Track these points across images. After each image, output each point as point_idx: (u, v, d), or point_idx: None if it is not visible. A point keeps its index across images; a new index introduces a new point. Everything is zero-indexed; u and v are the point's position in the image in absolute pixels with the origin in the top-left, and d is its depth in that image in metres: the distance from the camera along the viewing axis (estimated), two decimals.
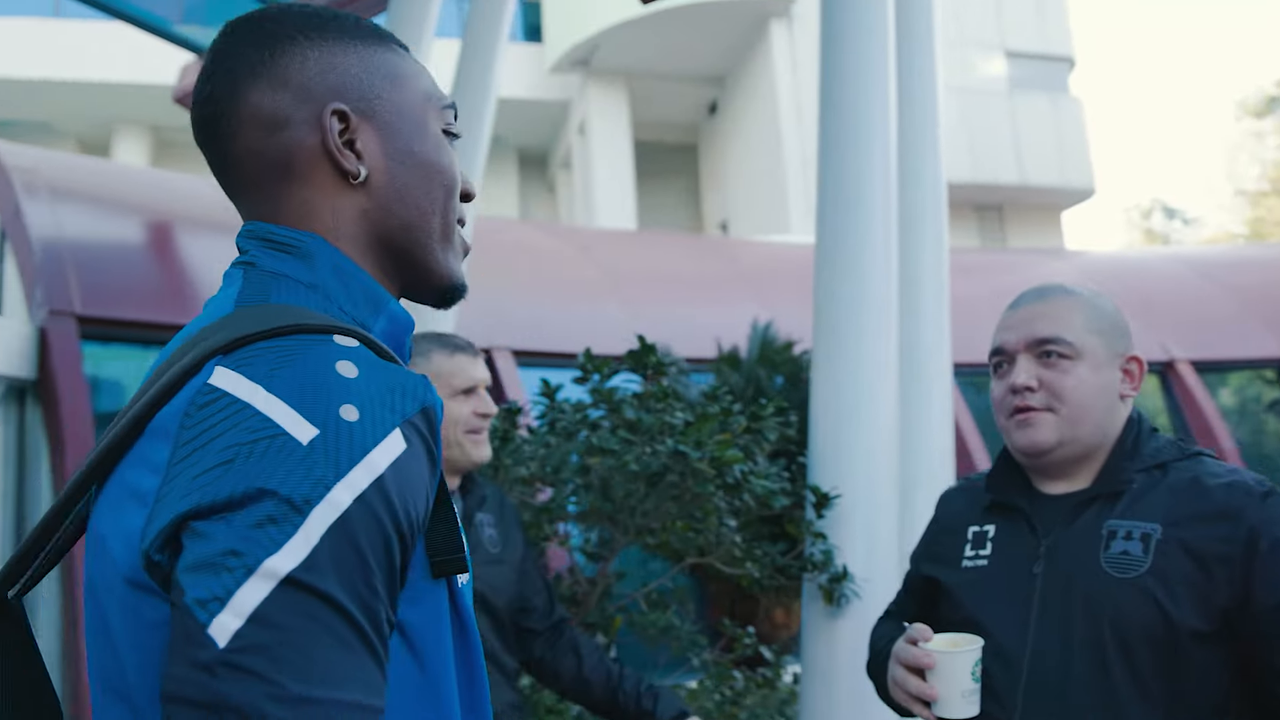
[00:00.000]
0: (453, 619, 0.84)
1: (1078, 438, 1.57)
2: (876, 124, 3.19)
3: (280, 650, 0.66)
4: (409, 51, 0.99)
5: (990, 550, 1.62)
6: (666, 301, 10.33)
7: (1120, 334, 1.63)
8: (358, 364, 0.77)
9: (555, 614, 2.41)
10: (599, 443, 2.43)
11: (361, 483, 0.71)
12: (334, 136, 0.89)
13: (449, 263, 0.97)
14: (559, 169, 23.66)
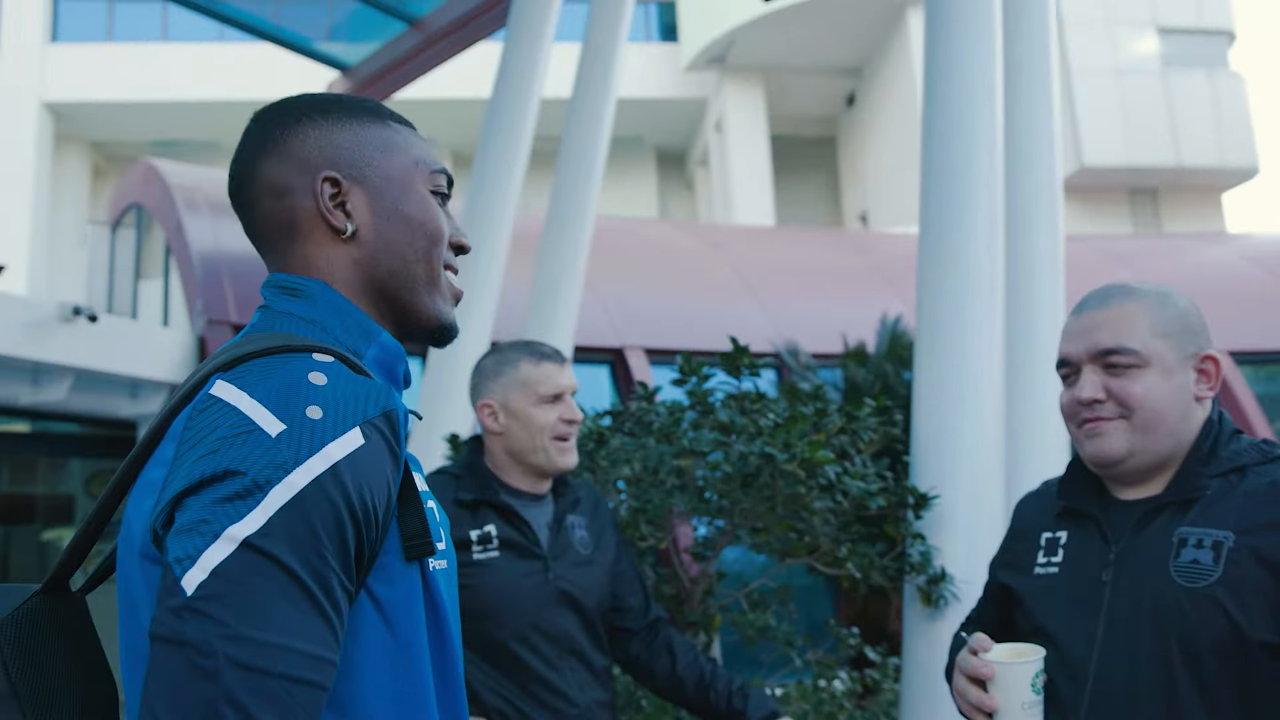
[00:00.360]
0: (425, 599, 0.98)
1: (1149, 447, 1.50)
2: (982, 115, 3.13)
3: (234, 600, 0.81)
4: (410, 128, 1.17)
5: (1061, 557, 1.58)
6: (799, 297, 10.27)
7: (1191, 333, 1.54)
8: (328, 374, 0.93)
9: (651, 614, 2.45)
10: (691, 444, 2.47)
11: (317, 469, 0.87)
12: (324, 200, 1.07)
13: (435, 305, 1.13)
14: (697, 166, 23.72)
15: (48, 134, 20.76)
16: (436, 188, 1.15)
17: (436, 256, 1.12)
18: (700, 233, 12.79)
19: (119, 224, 10.55)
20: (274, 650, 0.82)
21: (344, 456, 0.89)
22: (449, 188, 1.18)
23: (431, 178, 1.14)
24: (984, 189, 3.05)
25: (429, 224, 1.12)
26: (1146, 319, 1.53)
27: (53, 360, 6.75)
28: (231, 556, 0.83)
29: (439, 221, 1.13)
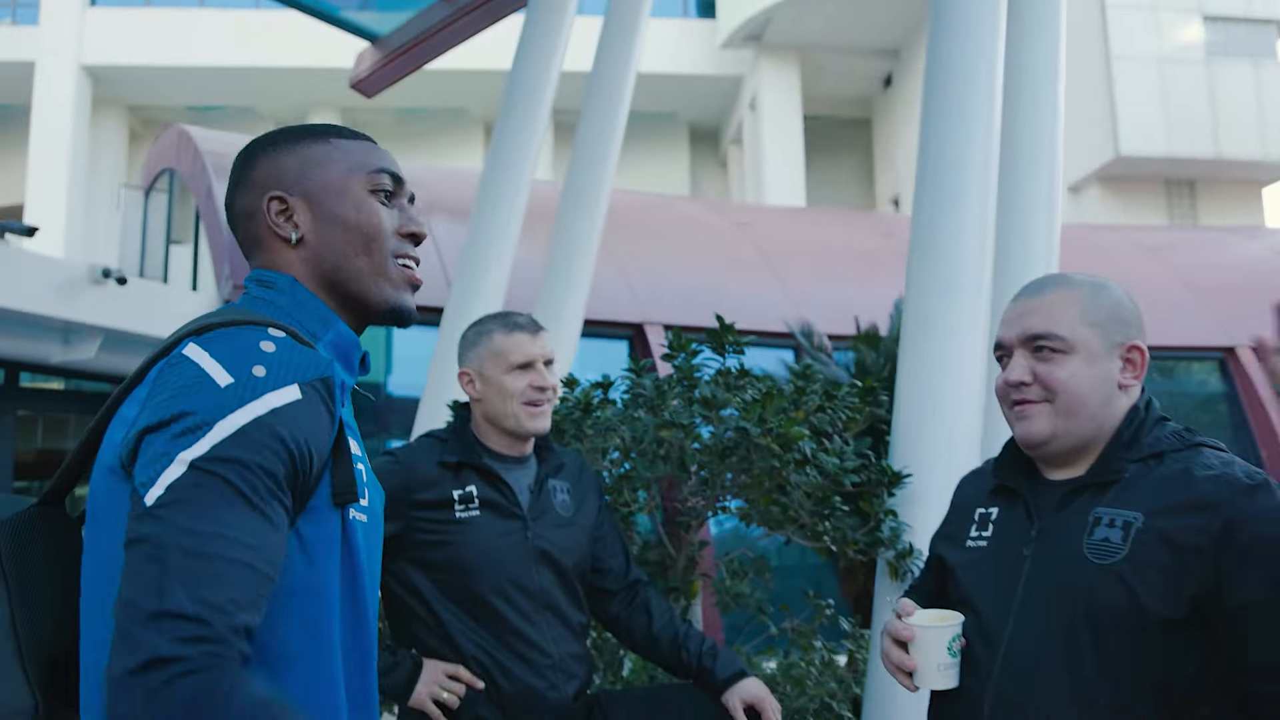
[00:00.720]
0: (343, 542, 1.17)
1: (1072, 430, 1.57)
2: (980, 112, 3.18)
3: (182, 505, 1.01)
4: (359, 139, 1.35)
5: (991, 532, 1.66)
6: (821, 278, 10.30)
7: (1121, 324, 1.61)
8: (277, 344, 1.14)
9: (631, 575, 2.56)
10: (671, 416, 2.57)
11: (256, 411, 1.07)
12: (270, 215, 1.28)
13: (382, 293, 1.30)
14: (730, 145, 23.69)
15: (85, 97, 21.05)
16: (377, 187, 1.31)
17: (377, 250, 1.29)
18: (726, 211, 12.82)
19: (152, 189, 10.74)
20: (212, 538, 1.00)
21: (282, 405, 1.08)
22: (394, 183, 1.32)
23: (370, 179, 1.31)
24: (977, 183, 3.11)
25: (363, 220, 1.28)
26: (1076, 307, 1.60)
27: (83, 320, 6.94)
28: (184, 475, 1.02)
29: (375, 216, 1.29)
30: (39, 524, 1.22)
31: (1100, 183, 19.99)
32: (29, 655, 1.13)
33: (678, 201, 13.76)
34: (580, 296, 5.47)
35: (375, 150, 1.35)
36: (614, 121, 5.74)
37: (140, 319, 7.17)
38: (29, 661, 1.12)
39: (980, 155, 3.11)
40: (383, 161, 1.33)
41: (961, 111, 3.15)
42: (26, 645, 1.13)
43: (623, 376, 2.90)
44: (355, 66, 9.27)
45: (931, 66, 3.29)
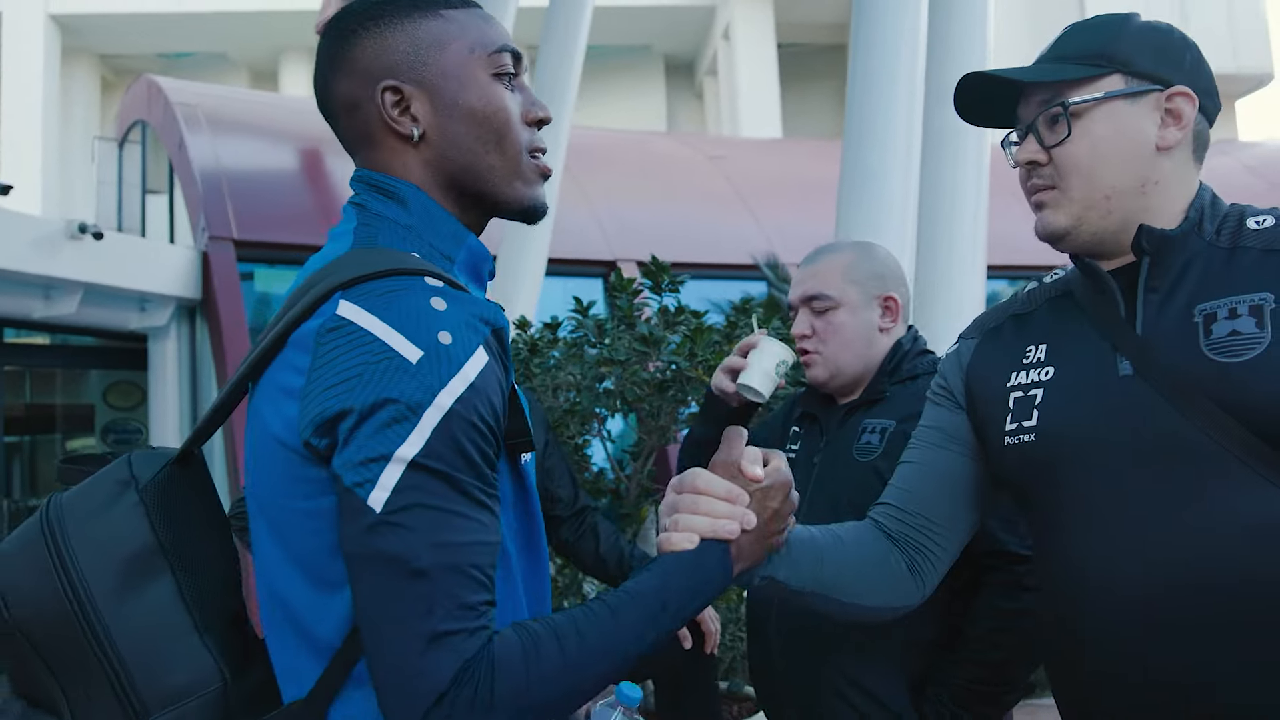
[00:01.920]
0: (515, 486, 1.10)
1: (842, 369, 1.98)
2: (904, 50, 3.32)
3: (420, 512, 0.94)
4: (469, 7, 1.18)
5: (798, 445, 2.06)
6: (794, 210, 10.42)
7: (878, 279, 2.01)
8: (446, 299, 1.01)
9: (579, 503, 2.76)
10: (609, 354, 2.75)
11: (458, 389, 0.97)
12: (387, 110, 1.12)
13: (517, 190, 1.17)
14: (706, 77, 23.53)
15: (55, 47, 20.80)
16: (500, 69, 1.15)
17: (510, 143, 1.15)
18: (700, 144, 12.87)
19: (125, 140, 10.76)
20: (466, 548, 0.95)
21: (477, 374, 0.98)
22: (516, 64, 1.17)
23: (491, 60, 1.15)
24: (902, 114, 3.26)
25: (493, 113, 1.14)
26: (840, 269, 2.01)
27: (62, 275, 7.05)
28: (405, 474, 0.94)
29: (504, 107, 1.15)
30: (181, 483, 1.12)
31: None
32: (205, 627, 1.06)
33: (650, 137, 13.78)
34: (543, 235, 5.61)
35: (491, 23, 1.18)
36: (572, 55, 5.81)
37: (118, 273, 7.29)
38: (207, 634, 1.06)
39: (905, 92, 3.26)
40: (503, 38, 1.17)
41: (886, 50, 3.29)
42: (200, 616, 1.06)
43: (569, 316, 3.07)
44: (321, 11, 9.25)
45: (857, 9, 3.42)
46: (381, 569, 0.94)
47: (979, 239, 3.61)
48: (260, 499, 1.06)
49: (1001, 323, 1.49)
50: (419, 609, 0.93)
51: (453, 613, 0.93)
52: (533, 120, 1.18)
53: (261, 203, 8.15)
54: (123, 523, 1.06)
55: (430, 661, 0.92)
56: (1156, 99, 1.30)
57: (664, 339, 2.79)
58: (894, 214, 3.16)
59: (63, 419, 9.78)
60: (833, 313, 1.97)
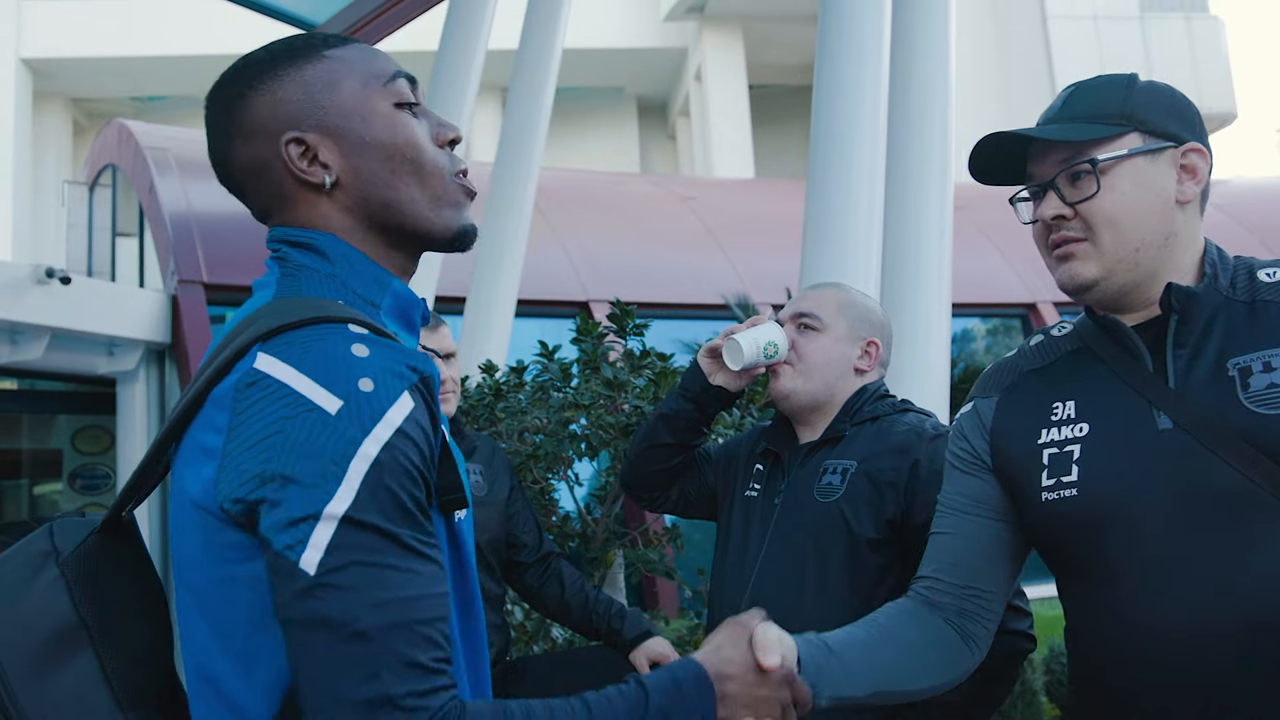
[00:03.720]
0: (450, 547, 1.05)
1: (807, 389, 2.02)
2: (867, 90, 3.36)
3: (356, 570, 0.89)
4: (349, 44, 1.13)
5: (760, 486, 2.08)
6: (764, 250, 10.49)
7: (868, 323, 2.08)
8: (368, 345, 0.96)
9: (543, 548, 2.75)
10: (575, 398, 2.75)
11: (384, 435, 0.92)
12: (294, 163, 1.07)
13: (444, 218, 1.11)
14: (679, 117, 23.75)
15: (26, 91, 20.76)
16: (400, 98, 1.11)
17: (427, 171, 1.10)
18: (671, 185, 12.96)
19: (96, 184, 10.72)
20: (410, 603, 0.90)
21: (403, 419, 0.94)
22: (413, 89, 1.13)
23: (388, 90, 1.11)
24: (865, 155, 3.30)
25: (403, 143, 1.09)
26: (837, 302, 2.08)
27: (29, 320, 6.99)
28: (337, 532, 0.89)
29: (412, 135, 1.10)
30: (107, 555, 1.06)
31: None
32: (129, 704, 1.01)
33: (623, 178, 13.88)
34: (513, 277, 5.61)
35: (377, 54, 1.13)
36: (542, 96, 5.85)
37: (87, 317, 7.23)
38: (131, 713, 1.01)
39: (868, 132, 3.30)
40: (393, 66, 1.12)
41: (848, 91, 3.33)
42: (123, 693, 1.01)
43: (535, 360, 3.07)
44: None
45: (820, 50, 3.46)
46: (319, 634, 0.89)
47: (944, 277, 3.64)
48: (181, 567, 1.01)
49: (1018, 379, 1.49)
50: (362, 673, 0.88)
51: (400, 673, 0.88)
52: (444, 142, 1.13)
53: (231, 246, 8.13)
54: (42, 599, 1.01)
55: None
56: (1173, 155, 1.36)
57: (629, 383, 2.78)
58: (859, 253, 3.19)
59: (30, 464, 9.64)
60: (817, 334, 2.04)
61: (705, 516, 2.29)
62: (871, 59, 3.43)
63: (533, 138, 5.74)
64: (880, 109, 3.39)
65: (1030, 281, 11.00)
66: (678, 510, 2.30)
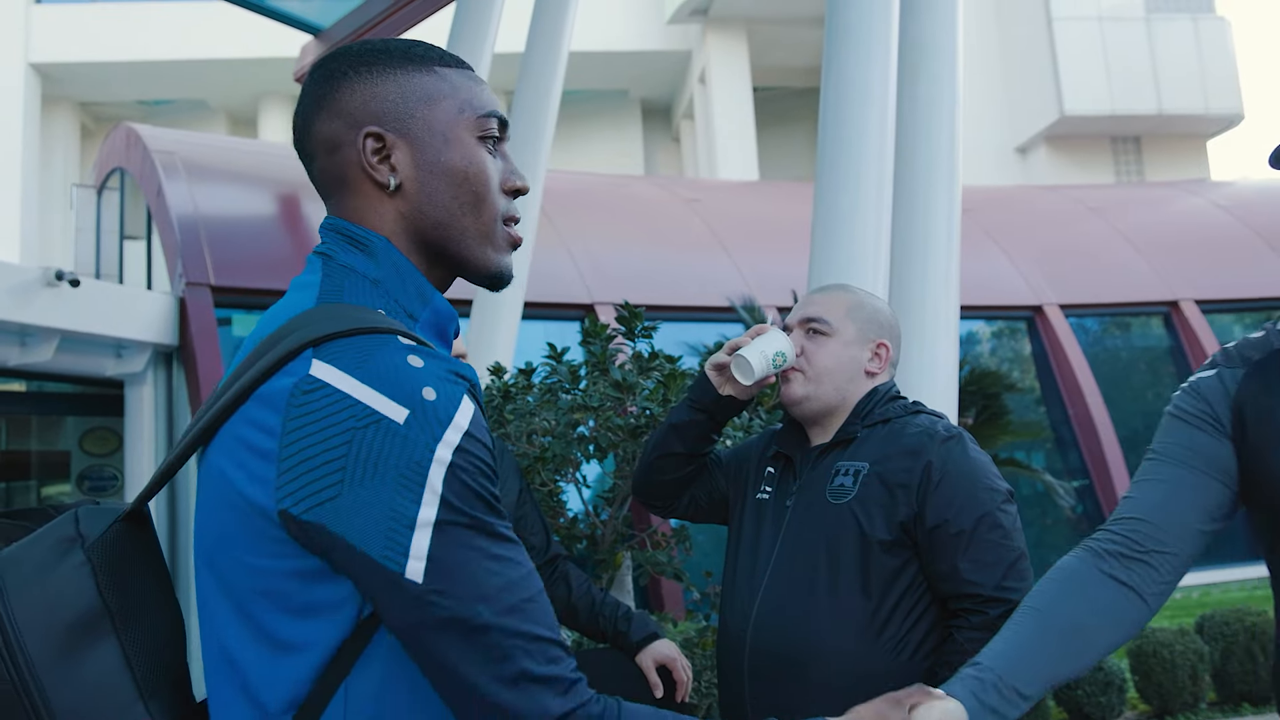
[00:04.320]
0: None
1: (818, 395, 2.00)
2: (875, 94, 3.37)
3: (462, 572, 0.93)
4: (462, 69, 1.17)
5: (773, 488, 2.07)
6: (768, 252, 10.49)
7: (876, 325, 2.06)
8: (421, 357, 0.99)
9: (551, 550, 2.75)
10: (583, 400, 2.76)
11: (454, 440, 0.95)
12: (366, 155, 1.09)
13: (486, 256, 1.14)
14: (683, 120, 23.78)
15: (35, 95, 20.85)
16: (485, 132, 1.14)
17: (487, 207, 1.13)
18: (676, 188, 12.97)
19: (104, 187, 10.76)
20: (514, 586, 0.96)
21: (469, 423, 0.97)
22: (502, 130, 1.16)
23: (479, 123, 1.14)
24: (874, 157, 3.31)
25: (474, 175, 1.12)
26: (845, 305, 2.05)
27: (38, 323, 7.02)
28: (434, 538, 0.93)
29: (485, 171, 1.13)
30: (130, 543, 1.08)
31: (1047, 143, 20.31)
32: (150, 693, 1.02)
33: (627, 180, 13.90)
34: (519, 279, 5.62)
35: (482, 88, 1.17)
36: (547, 100, 5.85)
37: (95, 319, 7.26)
38: (151, 701, 1.02)
39: (875, 135, 3.31)
40: (493, 103, 1.15)
41: (857, 95, 3.35)
42: (144, 681, 1.02)
43: (543, 363, 3.08)
44: (299, 60, 9.33)
45: (828, 53, 3.48)
46: (444, 636, 0.93)
47: (951, 279, 3.64)
48: (210, 553, 1.02)
49: (1266, 356, 1.54)
50: (494, 658, 0.94)
51: (527, 649, 0.94)
52: (510, 189, 1.16)
53: (238, 248, 8.16)
54: (67, 584, 1.01)
55: (527, 701, 0.94)
56: None
57: (638, 384, 2.79)
58: (867, 256, 3.19)
59: (38, 466, 9.68)
60: (826, 339, 2.02)
61: (717, 521, 2.28)
62: (879, 61, 3.44)
63: (539, 141, 5.76)
64: (888, 111, 3.40)
65: (1035, 283, 11.01)
66: (688, 515, 2.29)
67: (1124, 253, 11.95)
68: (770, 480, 2.10)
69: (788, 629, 1.90)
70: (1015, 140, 20.65)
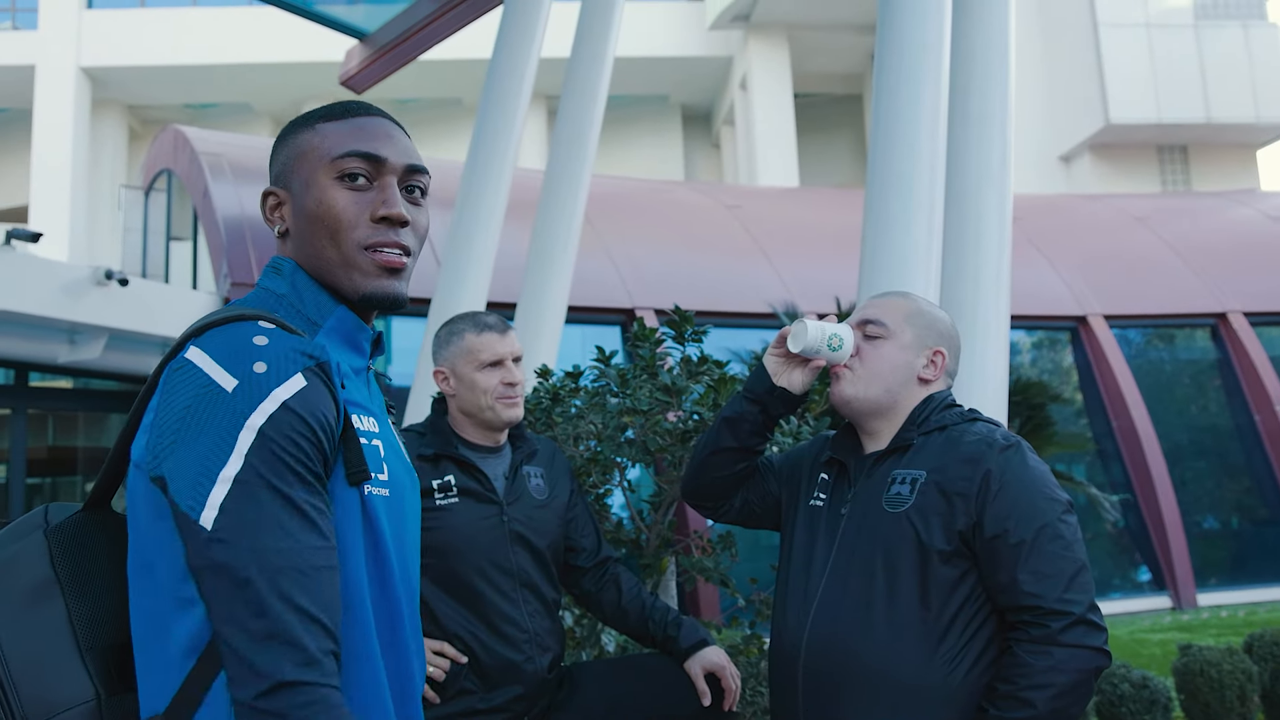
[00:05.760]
0: (364, 519, 1.22)
1: (867, 395, 2.00)
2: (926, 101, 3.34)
3: (244, 524, 1.08)
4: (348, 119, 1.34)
5: (827, 495, 2.06)
6: (809, 258, 10.46)
7: (935, 333, 2.05)
8: (269, 336, 1.18)
9: (601, 553, 2.73)
10: (633, 404, 2.75)
11: (269, 409, 1.12)
12: (265, 211, 1.34)
13: (352, 282, 1.30)
14: (723, 126, 23.76)
15: (85, 99, 21.20)
16: (343, 172, 1.29)
17: (342, 240, 1.28)
18: (716, 194, 12.95)
19: (151, 188, 10.92)
20: (285, 550, 1.09)
21: (291, 395, 1.13)
22: (369, 163, 1.30)
23: (334, 166, 1.29)
24: (925, 164, 3.28)
25: (324, 214, 1.28)
26: (904, 310, 2.05)
27: (87, 321, 7.13)
28: (230, 493, 1.09)
29: (333, 208, 1.28)
30: (88, 526, 1.27)
31: (1092, 151, 20.08)
32: (88, 648, 1.18)
33: (667, 186, 13.89)
34: (563, 283, 5.62)
35: (356, 130, 1.32)
36: (593, 105, 5.83)
37: (142, 318, 7.37)
38: (88, 655, 1.18)
39: (927, 141, 3.28)
40: (353, 144, 1.30)
41: (909, 101, 3.32)
42: (85, 639, 1.19)
43: (591, 365, 3.08)
44: (344, 64, 9.40)
45: (880, 59, 3.45)
46: (218, 580, 1.08)
47: (1002, 288, 3.60)
48: (131, 524, 1.20)
49: None
50: (251, 611, 1.06)
51: (283, 615, 1.07)
52: (378, 218, 1.29)
53: None
54: (25, 556, 1.22)
55: (265, 657, 1.06)
56: None
57: (687, 389, 2.78)
58: (918, 263, 3.16)
59: (84, 461, 9.84)
60: (882, 342, 2.01)
61: (770, 526, 2.27)
62: (931, 68, 3.41)
63: (584, 147, 5.75)
64: (939, 118, 3.37)
65: (1080, 293, 10.88)
66: (741, 520, 2.28)
67: (1170, 263, 11.77)
68: (824, 486, 2.08)
69: (843, 640, 1.88)
70: (1059, 149, 20.43)
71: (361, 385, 1.32)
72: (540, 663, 2.47)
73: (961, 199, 3.59)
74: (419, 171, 1.34)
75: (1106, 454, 10.43)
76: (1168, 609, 9.59)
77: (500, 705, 2.42)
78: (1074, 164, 20.44)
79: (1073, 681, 1.73)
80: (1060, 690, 1.74)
